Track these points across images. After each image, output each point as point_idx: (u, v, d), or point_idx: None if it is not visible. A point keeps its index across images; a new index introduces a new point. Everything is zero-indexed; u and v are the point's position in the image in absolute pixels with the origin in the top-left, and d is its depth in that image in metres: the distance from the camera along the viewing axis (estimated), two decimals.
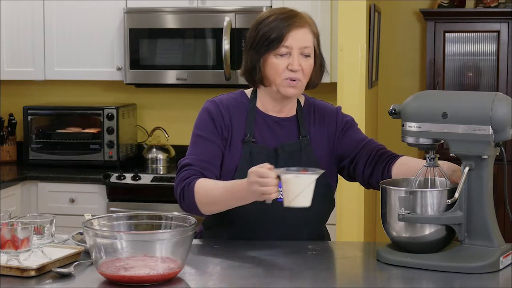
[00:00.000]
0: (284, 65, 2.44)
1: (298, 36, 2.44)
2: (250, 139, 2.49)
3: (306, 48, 2.46)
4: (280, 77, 2.45)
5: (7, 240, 2.13)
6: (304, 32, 2.46)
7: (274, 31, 2.43)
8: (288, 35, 2.43)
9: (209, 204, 2.41)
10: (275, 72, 2.45)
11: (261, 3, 4.51)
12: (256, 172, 2.22)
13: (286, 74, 2.44)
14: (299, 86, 2.47)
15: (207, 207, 2.42)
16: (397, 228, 2.25)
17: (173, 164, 4.88)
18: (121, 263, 2.04)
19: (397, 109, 2.31)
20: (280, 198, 2.31)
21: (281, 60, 2.44)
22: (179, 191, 2.45)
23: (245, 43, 2.54)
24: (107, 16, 4.73)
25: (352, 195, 3.98)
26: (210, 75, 4.59)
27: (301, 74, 2.45)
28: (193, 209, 2.44)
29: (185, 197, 2.43)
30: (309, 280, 2.14)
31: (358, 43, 4.11)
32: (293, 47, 2.44)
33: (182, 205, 2.46)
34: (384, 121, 5.07)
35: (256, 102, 2.55)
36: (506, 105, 2.17)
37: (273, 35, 2.43)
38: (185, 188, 2.44)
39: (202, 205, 2.42)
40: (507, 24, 4.88)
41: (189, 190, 2.43)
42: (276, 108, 2.55)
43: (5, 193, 4.30)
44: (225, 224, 2.52)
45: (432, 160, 2.29)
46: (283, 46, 2.43)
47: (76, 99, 5.14)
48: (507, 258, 2.20)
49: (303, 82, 2.48)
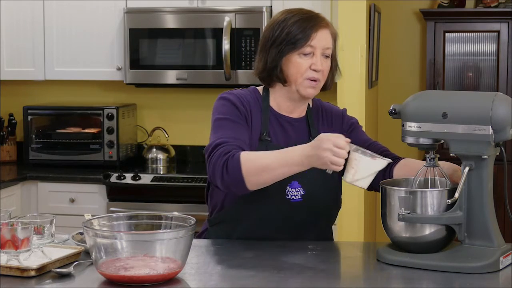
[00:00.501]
0: (307, 65, 2.46)
1: (322, 37, 2.47)
2: (266, 137, 2.50)
3: (328, 49, 2.49)
4: (302, 76, 2.46)
5: (7, 240, 2.13)
6: (327, 33, 2.49)
7: (300, 31, 2.45)
8: (314, 35, 2.45)
9: (258, 173, 2.30)
10: (298, 71, 2.46)
11: (261, 3, 4.51)
12: (333, 141, 2.20)
13: (309, 73, 2.46)
14: (318, 86, 2.50)
15: (255, 177, 2.30)
16: (397, 228, 2.25)
17: (173, 164, 4.88)
18: (121, 263, 2.04)
19: (397, 109, 2.31)
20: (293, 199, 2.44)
21: (304, 60, 2.46)
22: (222, 164, 2.33)
23: (262, 42, 2.53)
24: (107, 16, 4.73)
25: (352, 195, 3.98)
26: (210, 75, 4.59)
27: (321, 75, 2.48)
28: (237, 183, 2.32)
29: (230, 169, 2.31)
30: (309, 280, 2.14)
31: (358, 43, 4.11)
32: (317, 47, 2.46)
33: (225, 179, 2.33)
34: (384, 121, 5.07)
35: (269, 100, 2.56)
36: (506, 105, 2.17)
37: (299, 34, 2.45)
38: (229, 160, 2.32)
39: (250, 176, 2.30)
40: (507, 24, 4.88)
41: (234, 161, 2.31)
42: (290, 108, 2.56)
43: (5, 193, 4.30)
44: (233, 221, 2.52)
45: (432, 160, 2.30)
46: (308, 46, 2.45)
47: (76, 99, 5.14)
48: (507, 258, 2.20)
49: (322, 83, 2.50)
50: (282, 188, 2.47)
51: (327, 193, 2.55)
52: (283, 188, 2.47)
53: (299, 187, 2.49)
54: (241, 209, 2.48)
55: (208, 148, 2.42)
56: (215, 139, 2.42)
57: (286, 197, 2.48)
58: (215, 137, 2.44)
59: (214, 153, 2.38)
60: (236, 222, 2.52)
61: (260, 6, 4.48)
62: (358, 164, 2.26)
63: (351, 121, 2.64)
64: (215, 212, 2.57)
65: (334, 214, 2.62)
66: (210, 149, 2.41)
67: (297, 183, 2.49)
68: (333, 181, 2.56)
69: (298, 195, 2.49)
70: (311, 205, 2.50)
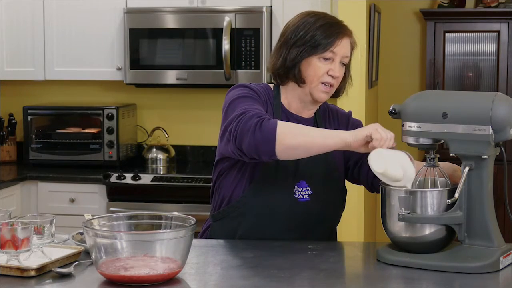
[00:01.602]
0: (325, 70, 2.47)
1: (344, 45, 2.50)
2: None
3: (346, 58, 2.52)
4: (318, 80, 2.48)
5: (7, 240, 2.13)
6: (348, 42, 2.52)
7: (324, 35, 2.46)
8: (338, 42, 2.47)
9: (293, 135, 2.27)
10: (315, 74, 2.47)
11: (261, 3, 4.51)
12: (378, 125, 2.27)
13: (325, 78, 2.48)
14: (330, 92, 2.52)
15: (288, 139, 2.27)
16: (397, 228, 2.25)
17: (173, 164, 4.88)
18: (121, 263, 2.04)
19: (397, 109, 2.31)
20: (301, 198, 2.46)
21: (323, 64, 2.47)
22: (255, 123, 2.29)
23: (284, 40, 2.51)
24: (107, 16, 4.73)
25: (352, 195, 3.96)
26: (210, 75, 4.59)
27: (336, 82, 2.51)
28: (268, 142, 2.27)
29: (264, 127, 2.28)
30: (309, 280, 2.14)
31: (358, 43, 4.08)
32: (338, 54, 2.48)
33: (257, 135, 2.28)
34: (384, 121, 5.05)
35: (280, 98, 2.56)
36: (506, 105, 2.17)
37: (324, 39, 2.46)
38: (264, 121, 2.29)
39: (284, 138, 2.26)
40: (507, 24, 4.88)
41: (270, 122, 2.29)
42: (299, 109, 2.57)
43: (5, 193, 4.30)
44: (239, 216, 2.52)
45: (432, 160, 2.30)
46: (331, 52, 2.47)
47: (76, 99, 5.14)
48: (507, 258, 2.20)
49: (334, 89, 2.53)
50: (290, 187, 2.49)
51: (333, 194, 2.57)
52: (291, 186, 2.49)
53: (306, 187, 2.51)
54: (249, 203, 2.49)
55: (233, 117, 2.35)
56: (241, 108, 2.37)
57: (294, 195, 2.50)
58: (240, 108, 2.38)
59: (244, 115, 2.32)
60: (241, 217, 2.52)
61: (260, 6, 4.49)
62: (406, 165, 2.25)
63: (356, 123, 2.66)
64: (222, 206, 2.57)
65: (339, 215, 2.64)
66: (238, 114, 2.34)
67: (305, 183, 2.51)
68: (340, 183, 2.60)
69: (305, 194, 2.51)
70: (318, 205, 2.52)
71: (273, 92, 2.57)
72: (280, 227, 2.51)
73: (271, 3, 4.51)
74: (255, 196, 2.49)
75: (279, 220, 2.51)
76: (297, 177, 2.50)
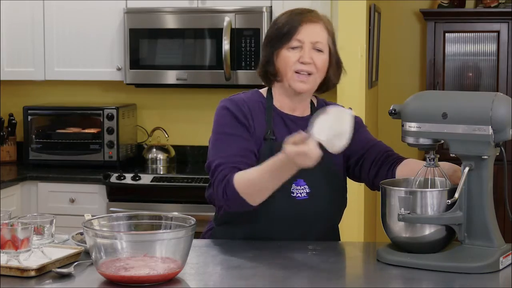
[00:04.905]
0: (295, 58, 2.47)
1: (310, 31, 2.48)
2: (271, 136, 2.51)
3: (318, 43, 2.49)
4: (290, 69, 2.47)
5: (7, 240, 2.13)
6: (317, 27, 2.50)
7: (287, 25, 2.48)
8: (300, 28, 2.47)
9: (255, 192, 2.36)
10: (286, 64, 2.47)
11: (261, 3, 4.51)
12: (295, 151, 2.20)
13: (297, 66, 2.47)
14: (310, 80, 2.49)
15: (255, 196, 2.37)
16: (397, 228, 2.25)
17: (173, 164, 4.88)
18: (121, 263, 2.04)
19: (397, 109, 2.31)
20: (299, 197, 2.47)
21: (292, 53, 2.47)
22: (221, 193, 2.40)
23: (262, 44, 2.60)
24: (107, 16, 4.73)
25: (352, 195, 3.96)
26: (210, 75, 4.59)
27: (314, 68, 2.48)
28: (242, 205, 2.38)
29: (230, 196, 2.38)
30: (309, 280, 2.14)
31: (358, 43, 4.11)
32: (305, 41, 2.47)
33: (229, 204, 2.41)
34: (384, 121, 5.07)
35: (273, 100, 2.56)
36: (506, 105, 2.17)
37: (286, 28, 2.48)
38: (226, 188, 2.39)
39: (249, 196, 2.36)
40: (507, 24, 4.88)
41: (230, 187, 2.38)
42: (291, 106, 2.56)
43: (5, 193, 4.30)
44: (239, 222, 2.52)
45: (432, 160, 2.29)
46: (295, 39, 2.46)
47: (76, 99, 5.14)
48: (507, 258, 2.20)
49: (316, 76, 2.50)
50: (287, 186, 2.47)
51: (332, 191, 2.56)
52: (288, 186, 2.48)
53: (304, 185, 2.50)
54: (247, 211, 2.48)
55: (209, 168, 2.49)
56: (213, 159, 2.48)
57: (291, 195, 2.49)
58: (213, 155, 2.50)
59: (215, 178, 2.44)
60: (242, 223, 2.52)
61: (260, 6, 4.48)
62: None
63: (355, 120, 2.63)
64: (220, 213, 2.57)
65: (339, 213, 2.63)
66: (211, 171, 2.48)
67: (303, 181, 2.50)
68: (339, 180, 2.58)
69: (303, 193, 2.50)
70: (317, 203, 2.51)
71: (265, 96, 2.57)
72: (280, 227, 2.51)
73: (271, 3, 4.51)
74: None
75: (279, 220, 2.50)
76: (295, 175, 2.49)
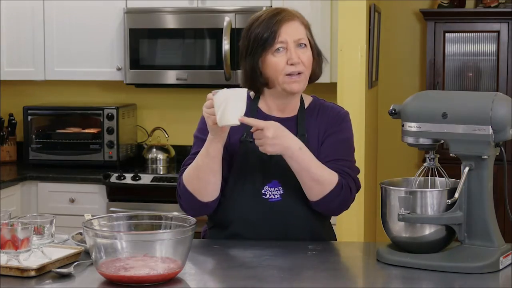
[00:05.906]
0: (284, 61, 2.43)
1: (290, 30, 2.44)
2: (247, 138, 2.48)
3: (301, 39, 2.45)
4: (281, 74, 2.43)
5: (7, 240, 2.13)
6: (295, 24, 2.46)
7: (265, 30, 2.43)
8: (280, 30, 2.43)
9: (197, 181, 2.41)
10: (276, 70, 2.43)
11: (261, 3, 4.51)
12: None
13: (287, 69, 2.42)
14: (302, 79, 2.45)
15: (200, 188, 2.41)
16: (397, 228, 2.25)
17: (173, 164, 4.88)
18: (121, 263, 2.04)
19: (397, 109, 2.31)
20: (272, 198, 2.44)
21: (279, 57, 2.43)
22: (177, 195, 2.48)
23: (239, 56, 2.53)
24: (107, 16, 4.73)
25: None
26: (210, 75, 4.59)
27: (303, 67, 2.44)
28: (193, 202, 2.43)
29: (181, 194, 2.45)
30: (309, 280, 2.14)
31: (358, 43, 4.11)
32: (288, 41, 2.43)
33: (183, 203, 2.46)
34: (384, 121, 5.07)
35: (258, 102, 2.54)
36: (506, 105, 2.17)
37: (265, 34, 2.43)
38: (178, 188, 2.47)
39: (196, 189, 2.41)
40: (507, 24, 4.88)
41: (181, 186, 2.45)
42: (280, 107, 2.53)
43: (5, 193, 4.30)
44: (225, 224, 2.51)
45: (432, 160, 2.30)
46: (278, 42, 2.42)
47: (76, 99, 5.14)
48: (507, 258, 2.20)
49: (306, 74, 2.46)
50: (259, 189, 2.46)
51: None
52: (260, 188, 2.46)
53: (278, 186, 2.46)
54: (224, 213, 2.48)
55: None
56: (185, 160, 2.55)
57: (263, 197, 2.46)
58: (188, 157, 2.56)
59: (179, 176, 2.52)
60: (224, 226, 2.52)
61: (260, 6, 4.48)
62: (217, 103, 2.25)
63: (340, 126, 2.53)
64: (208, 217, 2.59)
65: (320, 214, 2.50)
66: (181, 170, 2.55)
67: (277, 182, 2.46)
68: None
69: (277, 194, 2.46)
70: (291, 204, 2.46)
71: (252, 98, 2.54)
72: (258, 230, 2.47)
73: (271, 3, 4.51)
74: (227, 205, 2.48)
75: (255, 223, 2.47)
76: (268, 177, 2.45)
